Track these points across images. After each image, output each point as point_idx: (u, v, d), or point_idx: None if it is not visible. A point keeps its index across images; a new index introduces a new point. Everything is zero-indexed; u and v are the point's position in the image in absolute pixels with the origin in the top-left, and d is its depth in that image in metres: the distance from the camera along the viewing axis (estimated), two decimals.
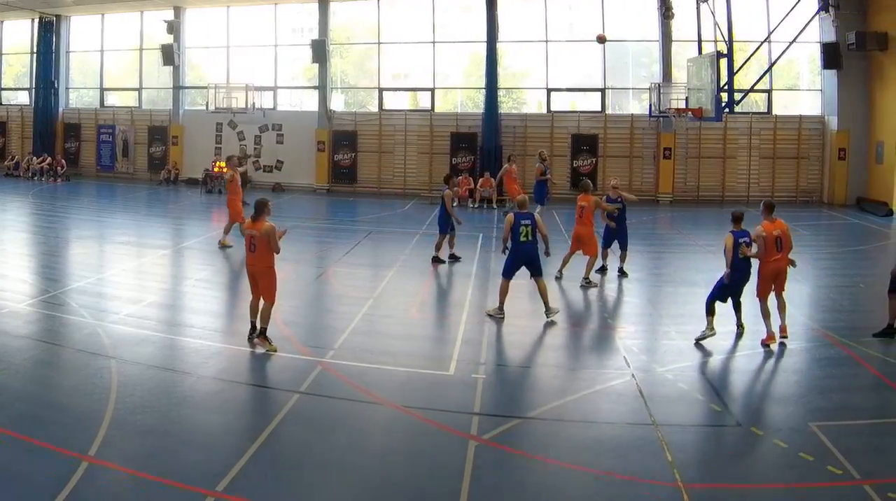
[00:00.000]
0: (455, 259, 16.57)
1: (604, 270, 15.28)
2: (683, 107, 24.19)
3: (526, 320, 12.15)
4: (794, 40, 23.19)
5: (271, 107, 31.95)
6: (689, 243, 20.08)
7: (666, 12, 26.93)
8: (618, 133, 28.77)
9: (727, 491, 6.78)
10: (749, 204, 24.06)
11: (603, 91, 29.25)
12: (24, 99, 36.73)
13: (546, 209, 21.28)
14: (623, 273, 15.14)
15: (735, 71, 20.89)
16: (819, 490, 6.69)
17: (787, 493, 6.70)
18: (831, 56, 26.16)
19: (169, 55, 31.99)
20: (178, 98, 32.94)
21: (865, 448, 7.45)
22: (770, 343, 10.57)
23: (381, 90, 31.24)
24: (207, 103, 31.50)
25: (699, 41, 23.78)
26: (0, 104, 36.96)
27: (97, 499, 6.40)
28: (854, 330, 11.40)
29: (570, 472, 7.06)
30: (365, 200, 28.62)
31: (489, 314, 12.18)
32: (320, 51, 30.10)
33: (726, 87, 20.54)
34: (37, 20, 34.14)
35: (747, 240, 10.74)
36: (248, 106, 30.71)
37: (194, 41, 33.20)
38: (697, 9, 23.50)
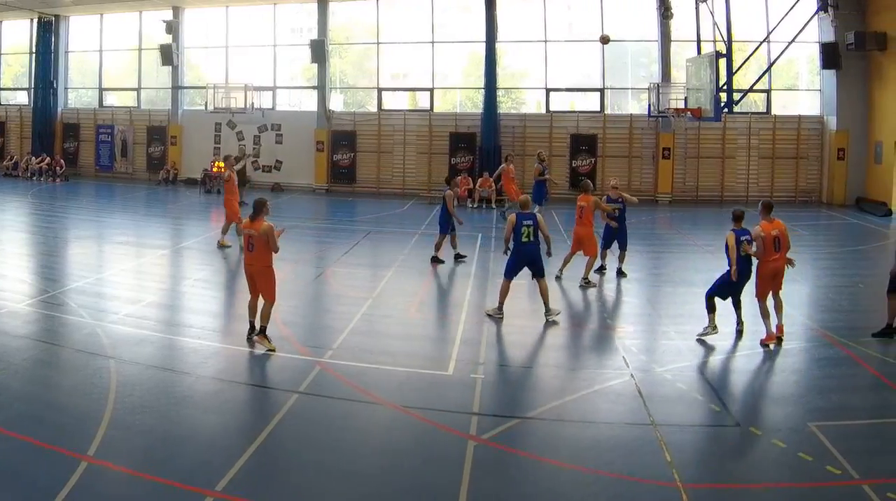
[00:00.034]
0: (461, 258, 16.59)
1: (602, 270, 15.30)
2: (682, 107, 24.21)
3: (525, 320, 12.16)
4: (793, 40, 23.20)
5: (270, 107, 31.92)
6: (688, 243, 20.08)
7: (665, 12, 26.91)
8: (617, 133, 28.77)
9: (726, 491, 6.79)
10: (748, 204, 24.01)
11: (602, 91, 29.24)
12: (22, 99, 36.72)
13: (545, 209, 21.29)
14: (622, 273, 15.15)
15: (734, 71, 20.90)
16: (818, 490, 6.69)
17: (786, 493, 6.71)
18: (830, 56, 26.16)
19: (168, 55, 31.97)
20: (176, 98, 32.92)
21: (864, 448, 7.45)
22: (769, 343, 10.58)
23: (380, 90, 31.23)
24: (206, 103, 31.45)
25: (698, 41, 23.80)
26: None
27: (96, 499, 6.40)
28: (853, 330, 11.40)
29: (569, 472, 7.07)
30: (364, 200, 28.62)
31: (488, 314, 12.18)
32: (319, 51, 30.08)
33: (725, 87, 20.55)
34: (36, 20, 34.12)
35: (748, 238, 10.78)
36: (247, 106, 30.66)
37: (193, 41, 33.17)
38: (696, 9, 23.51)
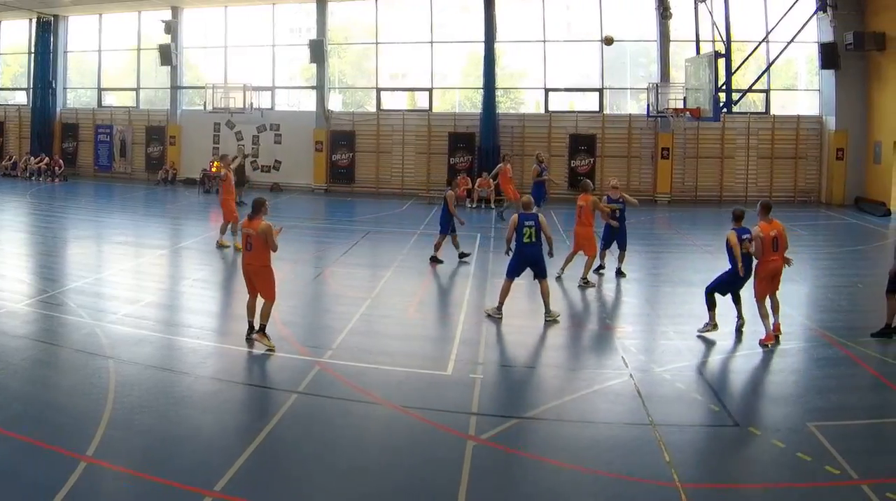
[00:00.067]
0: (464, 257, 16.59)
1: (601, 269, 15.26)
2: (681, 107, 24.22)
3: (524, 320, 12.15)
4: (792, 40, 23.21)
5: (269, 107, 31.90)
6: (687, 243, 20.09)
7: (664, 12, 26.93)
8: (616, 133, 28.77)
9: (725, 491, 6.79)
10: (747, 204, 23.94)
11: (601, 91, 29.24)
12: (21, 99, 36.71)
13: (544, 210, 21.25)
14: (621, 273, 15.15)
15: (733, 71, 20.90)
16: (817, 490, 6.69)
17: (785, 493, 6.70)
18: (829, 56, 26.17)
19: (166, 55, 31.95)
20: (175, 98, 32.91)
21: (863, 448, 7.45)
22: (769, 343, 10.58)
23: (378, 90, 31.23)
24: (205, 103, 31.42)
25: (697, 41, 23.81)
26: None
27: (95, 499, 6.40)
28: (852, 330, 11.40)
29: (568, 472, 7.06)
30: (363, 200, 28.61)
31: (488, 313, 12.17)
32: (318, 51, 30.07)
33: (724, 87, 20.55)
34: (34, 20, 34.09)
35: (748, 237, 10.85)
36: (246, 106, 30.64)
37: (192, 41, 33.16)
38: (695, 9, 23.52)
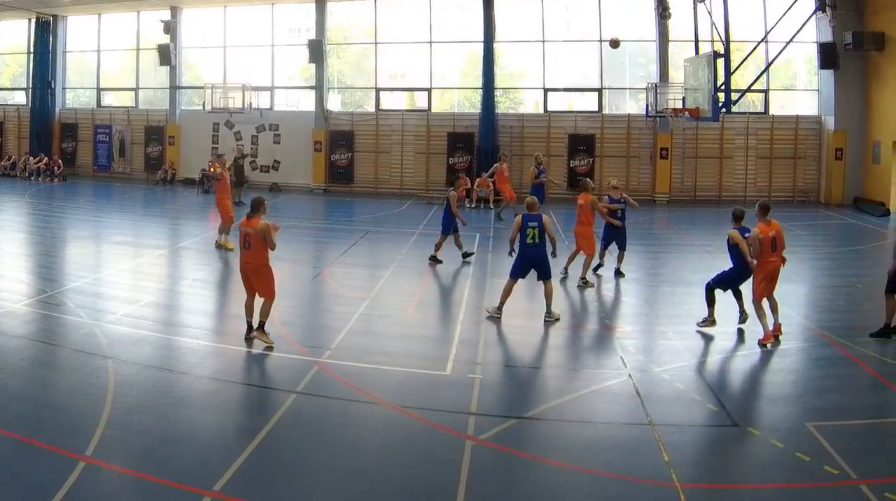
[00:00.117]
0: (468, 257, 16.58)
1: (599, 268, 15.23)
2: (680, 107, 24.21)
3: (523, 320, 12.15)
4: (791, 40, 23.21)
5: (268, 107, 31.89)
6: (686, 243, 20.10)
7: (663, 12, 26.92)
8: (615, 133, 28.78)
9: (724, 491, 6.79)
10: (746, 204, 23.82)
11: (600, 91, 29.24)
12: (20, 99, 36.70)
13: (543, 211, 21.23)
14: (620, 273, 15.16)
15: (732, 71, 20.88)
16: (816, 490, 6.69)
17: (784, 493, 6.70)
18: (828, 56, 26.19)
19: (165, 55, 31.94)
20: (174, 98, 32.90)
21: (862, 448, 7.45)
22: (767, 342, 10.59)
23: (377, 90, 31.23)
24: (204, 103, 31.39)
25: (696, 41, 23.81)
26: None
27: (94, 499, 6.39)
28: (851, 329, 11.41)
29: (567, 472, 7.06)
30: (362, 200, 28.59)
31: (488, 312, 12.17)
32: (317, 51, 30.06)
33: (723, 87, 20.54)
34: (33, 20, 34.09)
35: (748, 237, 10.92)
36: (245, 106, 30.63)
37: (191, 41, 33.16)
38: (694, 9, 23.51)
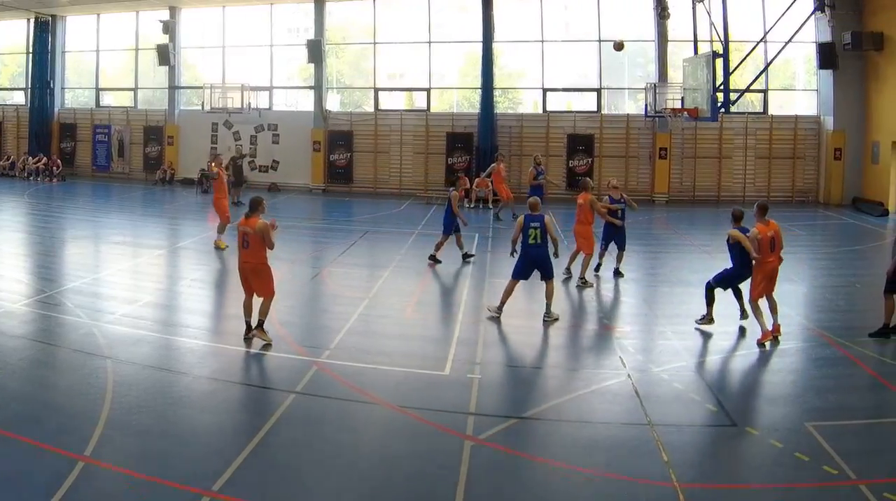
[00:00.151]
0: (469, 257, 16.58)
1: (599, 267, 15.22)
2: (679, 107, 24.18)
3: (522, 320, 12.14)
4: (790, 40, 23.19)
5: (267, 107, 31.84)
6: (685, 243, 20.10)
7: (662, 12, 26.91)
8: (614, 133, 28.78)
9: (723, 491, 6.79)
10: (745, 204, 23.86)
11: (599, 91, 29.22)
12: (19, 99, 36.66)
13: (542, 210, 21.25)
14: (619, 273, 15.16)
15: (731, 71, 20.86)
16: (815, 491, 6.69)
17: (783, 493, 6.70)
18: (827, 56, 26.19)
19: (164, 55, 31.92)
20: (173, 98, 32.87)
21: (861, 449, 7.45)
22: (766, 341, 10.61)
23: (376, 90, 31.20)
24: (203, 103, 31.33)
25: (695, 41, 23.79)
26: None
27: (93, 499, 6.39)
28: (850, 329, 11.41)
29: (566, 472, 7.06)
30: (361, 200, 28.58)
31: (489, 310, 12.17)
32: (316, 51, 30.04)
33: (722, 87, 20.52)
34: (32, 20, 34.05)
35: (748, 236, 10.95)
36: (244, 106, 30.58)
37: (190, 41, 33.13)
38: (693, 9, 23.50)
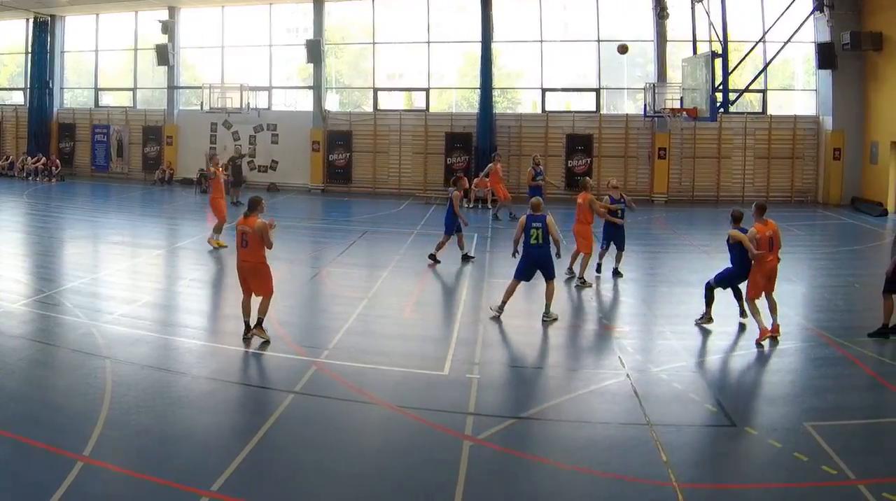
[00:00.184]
0: (469, 258, 16.57)
1: (599, 269, 15.20)
2: (678, 107, 24.18)
3: (521, 320, 12.14)
4: (789, 40, 23.21)
5: (266, 107, 31.83)
6: (683, 243, 20.10)
7: (661, 12, 26.91)
8: (613, 133, 28.78)
9: (722, 491, 6.79)
10: (744, 204, 23.98)
11: (598, 91, 29.22)
12: (18, 99, 36.61)
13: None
14: (618, 273, 15.15)
15: (730, 71, 20.88)
16: (813, 490, 6.69)
17: (782, 493, 6.71)
18: (826, 56, 26.20)
19: (163, 55, 31.92)
20: (172, 98, 32.87)
21: (860, 448, 7.46)
22: (764, 338, 10.62)
23: (375, 90, 31.20)
24: (202, 103, 31.33)
25: (694, 41, 23.82)
26: None
27: (92, 499, 6.39)
28: (849, 329, 11.42)
29: (565, 472, 7.06)
30: (360, 200, 28.57)
31: (491, 309, 12.17)
32: (315, 51, 30.04)
33: (721, 87, 20.54)
34: (31, 20, 34.03)
35: (746, 236, 10.96)
36: (243, 106, 30.58)
37: (189, 41, 33.14)
38: (692, 9, 23.52)
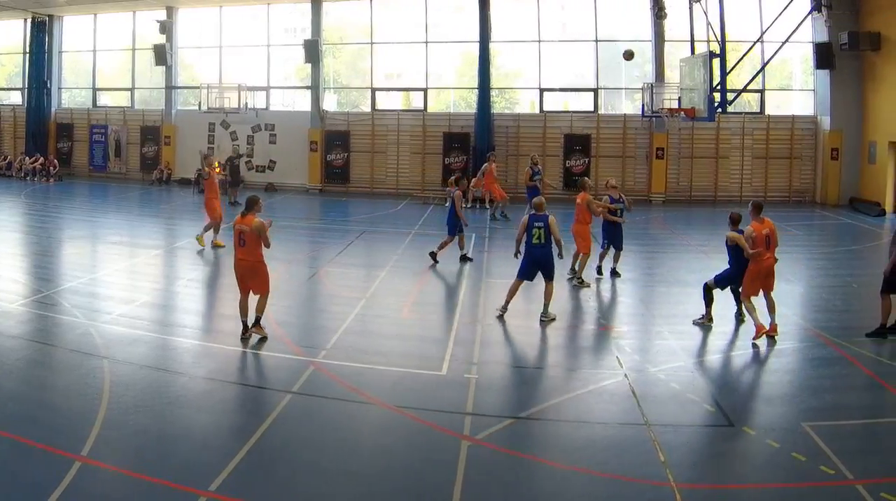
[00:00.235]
0: (466, 260, 16.54)
1: (600, 270, 15.17)
2: (676, 107, 24.17)
3: (519, 320, 12.13)
4: (787, 40, 23.21)
5: (264, 107, 31.81)
6: (681, 243, 20.11)
7: (659, 12, 26.93)
8: (610, 133, 28.79)
9: (720, 491, 6.80)
10: (742, 204, 24.01)
11: (595, 91, 29.24)
12: (16, 99, 36.55)
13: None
14: (616, 273, 15.15)
15: (728, 71, 20.86)
16: (812, 490, 6.70)
17: (780, 493, 6.71)
18: (824, 56, 26.23)
19: (161, 55, 31.91)
20: (170, 98, 32.84)
21: (858, 448, 7.46)
22: (760, 335, 10.65)
23: (373, 90, 31.21)
24: (200, 103, 31.33)
25: (692, 41, 23.79)
26: None
27: (90, 499, 6.38)
28: (846, 329, 11.43)
29: (563, 472, 7.06)
30: (357, 200, 28.57)
31: (497, 308, 12.17)
32: (313, 51, 30.04)
33: (719, 87, 20.53)
34: (29, 20, 34.01)
35: (743, 234, 11.04)
36: (241, 106, 30.60)
37: (187, 41, 33.12)
38: (690, 9, 23.52)
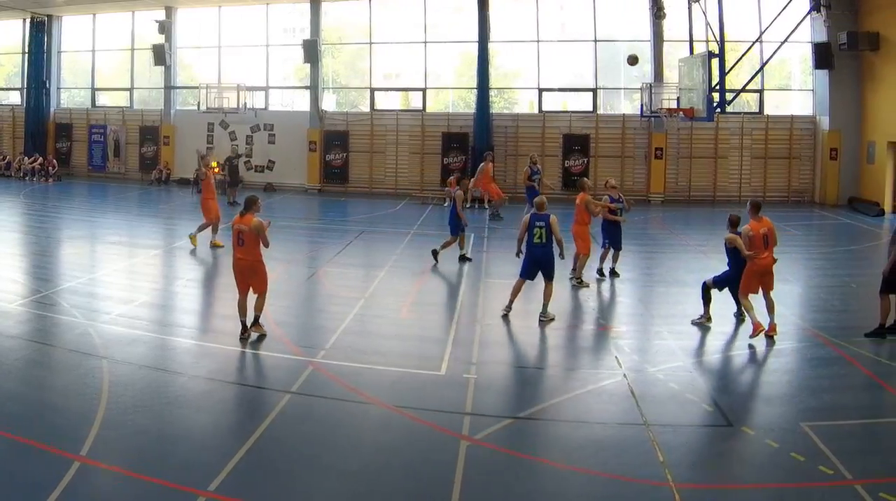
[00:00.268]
0: (466, 260, 16.55)
1: (601, 274, 15.09)
2: (675, 107, 24.17)
3: (518, 320, 12.13)
4: (786, 40, 23.20)
5: (263, 107, 31.79)
6: (680, 243, 20.12)
7: (657, 12, 26.94)
8: (609, 133, 28.79)
9: (718, 491, 6.80)
10: (741, 204, 23.97)
11: (594, 91, 29.25)
12: (15, 99, 36.54)
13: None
14: (615, 273, 15.14)
15: (727, 71, 20.85)
16: (810, 490, 6.70)
17: (779, 493, 6.71)
18: (823, 56, 26.23)
19: (160, 55, 31.90)
20: (169, 98, 32.83)
21: (857, 448, 7.47)
22: (757, 333, 10.66)
23: (372, 90, 31.21)
24: (199, 103, 31.31)
25: (691, 41, 23.77)
26: None
27: (89, 499, 6.38)
28: (845, 329, 11.44)
29: (562, 472, 7.07)
30: (356, 200, 28.57)
31: (502, 309, 12.17)
32: (312, 51, 30.04)
33: (718, 87, 20.54)
34: (28, 20, 33.98)
35: (741, 232, 11.09)
36: (240, 106, 30.59)
37: (186, 41, 33.12)
38: (689, 9, 23.51)
